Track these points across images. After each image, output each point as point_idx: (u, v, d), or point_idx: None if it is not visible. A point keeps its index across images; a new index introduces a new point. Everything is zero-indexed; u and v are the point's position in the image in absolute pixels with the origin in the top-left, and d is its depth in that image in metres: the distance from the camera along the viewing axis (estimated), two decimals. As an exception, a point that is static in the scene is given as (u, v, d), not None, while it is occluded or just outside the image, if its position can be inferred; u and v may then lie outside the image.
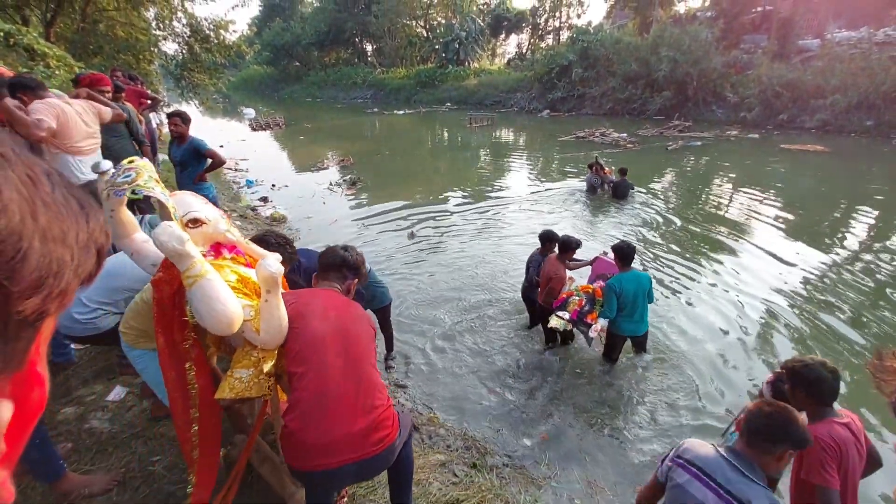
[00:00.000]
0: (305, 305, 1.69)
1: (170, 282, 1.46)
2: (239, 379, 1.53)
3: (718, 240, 7.09)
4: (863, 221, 8.02)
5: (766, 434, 1.52)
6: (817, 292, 5.39)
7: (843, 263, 6.20)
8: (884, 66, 15.73)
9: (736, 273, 5.90)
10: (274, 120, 23.06)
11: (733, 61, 20.48)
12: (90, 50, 12.09)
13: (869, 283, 5.58)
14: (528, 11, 39.84)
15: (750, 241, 7.02)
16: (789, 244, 6.89)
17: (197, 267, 1.30)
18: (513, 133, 20.78)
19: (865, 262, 6.20)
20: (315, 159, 13.75)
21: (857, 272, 5.89)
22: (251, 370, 1.55)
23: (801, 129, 16.86)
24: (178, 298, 1.48)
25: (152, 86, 12.99)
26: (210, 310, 1.28)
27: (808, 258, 6.36)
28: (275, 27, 45.91)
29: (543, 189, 10.36)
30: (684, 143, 15.14)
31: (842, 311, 4.96)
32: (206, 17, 14.33)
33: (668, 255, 6.46)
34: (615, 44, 23.95)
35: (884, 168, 11.87)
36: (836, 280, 5.70)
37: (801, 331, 4.65)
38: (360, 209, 8.96)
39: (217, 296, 1.30)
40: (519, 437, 3.36)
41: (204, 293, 1.27)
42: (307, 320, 1.64)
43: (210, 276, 1.32)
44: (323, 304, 1.71)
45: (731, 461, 1.55)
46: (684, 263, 6.19)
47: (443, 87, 32.34)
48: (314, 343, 1.60)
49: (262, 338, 1.50)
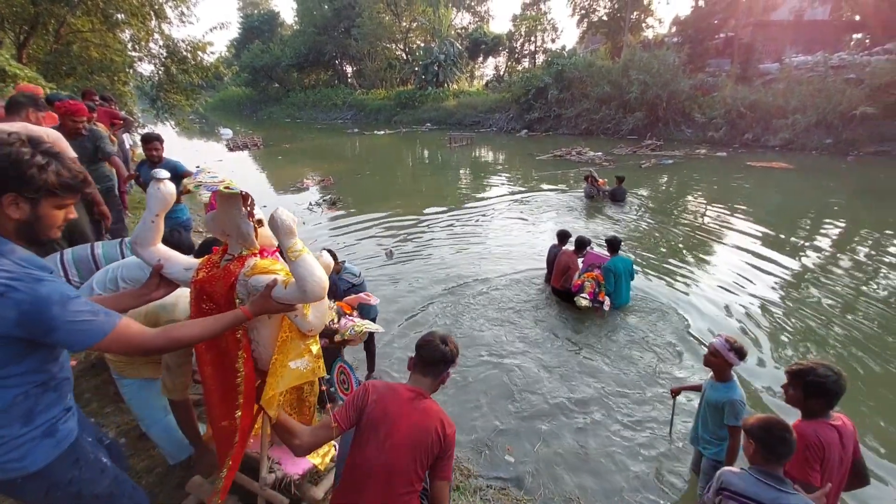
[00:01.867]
0: (373, 422, 1.67)
1: (224, 277, 1.58)
2: (295, 370, 1.67)
3: (695, 245, 7.61)
4: (828, 232, 8.43)
5: (786, 451, 1.69)
6: (788, 298, 5.57)
7: (812, 270, 6.46)
8: (839, 89, 16.71)
9: (712, 275, 6.28)
10: (252, 140, 22.93)
11: (700, 84, 21.45)
12: (63, 71, 11.88)
13: (837, 289, 5.80)
14: (505, 36, 41.14)
15: (725, 247, 7.48)
16: (762, 251, 7.23)
17: (300, 243, 1.47)
18: (492, 152, 21.13)
19: (833, 269, 6.47)
20: (294, 179, 13.69)
21: (826, 279, 6.12)
22: (304, 358, 1.69)
23: (765, 147, 17.65)
24: (231, 292, 1.57)
25: (127, 107, 12.80)
26: (314, 277, 1.44)
27: (780, 264, 6.74)
28: (254, 49, 46.06)
29: (521, 200, 10.59)
30: (657, 162, 15.65)
31: (812, 315, 5.13)
32: (183, 38, 14.18)
33: (653, 252, 6.86)
34: (588, 67, 24.84)
35: (842, 183, 12.49)
36: (807, 286, 5.93)
37: (774, 330, 4.79)
38: (340, 229, 8.91)
39: (317, 265, 1.47)
40: (502, 456, 3.32)
41: (307, 263, 1.44)
42: (364, 439, 1.67)
43: (307, 251, 1.48)
44: (388, 429, 1.65)
45: (765, 481, 1.68)
46: (670, 261, 6.84)
47: (423, 108, 32.81)
48: (360, 472, 1.65)
49: (312, 322, 1.64)
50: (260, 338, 1.68)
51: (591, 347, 4.67)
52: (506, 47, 41.70)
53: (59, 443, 1.29)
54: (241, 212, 1.57)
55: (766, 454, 1.70)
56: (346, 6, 40.55)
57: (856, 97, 16.13)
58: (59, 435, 1.30)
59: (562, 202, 10.66)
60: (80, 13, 11.89)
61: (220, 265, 1.64)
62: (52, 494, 1.29)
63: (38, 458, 1.25)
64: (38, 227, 1.20)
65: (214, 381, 1.71)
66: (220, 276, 1.59)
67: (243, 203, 1.57)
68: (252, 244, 1.62)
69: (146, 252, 1.64)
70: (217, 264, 1.64)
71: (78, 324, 1.13)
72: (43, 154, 1.17)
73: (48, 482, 1.28)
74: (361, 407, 1.69)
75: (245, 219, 1.57)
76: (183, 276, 1.64)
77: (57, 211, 1.22)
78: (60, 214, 1.24)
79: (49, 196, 1.18)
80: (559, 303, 5.51)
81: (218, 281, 1.59)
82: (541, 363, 4.42)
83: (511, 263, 6.89)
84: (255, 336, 1.68)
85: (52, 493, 1.29)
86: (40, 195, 1.17)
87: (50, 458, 1.27)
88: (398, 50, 42.36)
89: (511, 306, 5.48)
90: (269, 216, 1.53)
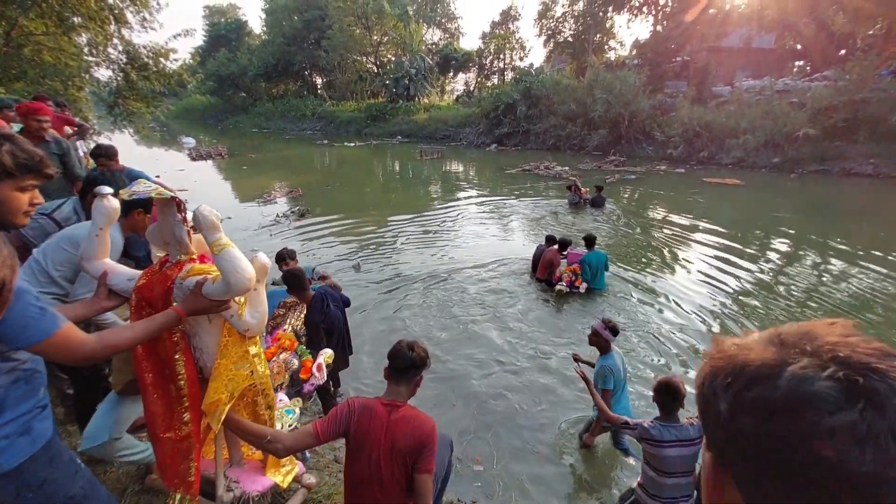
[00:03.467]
0: (357, 440, 1.79)
1: (161, 282, 1.63)
2: (234, 376, 1.68)
3: (660, 246, 8.54)
4: (775, 243, 9.03)
5: (676, 405, 2.46)
6: (739, 302, 5.86)
7: (762, 271, 6.86)
8: (784, 111, 17.90)
9: (675, 271, 6.92)
10: (216, 150, 22.33)
11: (659, 104, 22.51)
12: (12, 74, 11.27)
13: (788, 293, 6.16)
14: (475, 52, 42.03)
15: (685, 251, 8.35)
16: (717, 254, 7.81)
17: (224, 237, 1.53)
18: (462, 165, 21.39)
19: (782, 276, 6.89)
20: (261, 190, 13.40)
21: (776, 284, 6.49)
22: (245, 363, 1.72)
23: (719, 164, 18.64)
24: (168, 296, 1.61)
25: (81, 113, 12.25)
26: (238, 269, 1.49)
27: (734, 264, 7.41)
28: (220, 57, 45.07)
29: (495, 207, 10.73)
30: (620, 177, 16.26)
31: (764, 318, 5.40)
32: (145, 45, 13.76)
33: (626, 249, 7.60)
34: (555, 85, 25.65)
35: (787, 198, 13.37)
36: (758, 290, 6.28)
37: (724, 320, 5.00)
38: (309, 241, 8.76)
39: (241, 257, 1.52)
40: (472, 466, 3.31)
41: (232, 256, 1.49)
42: (353, 456, 1.81)
43: (232, 245, 1.53)
44: (370, 446, 1.77)
45: (668, 426, 2.40)
46: (641, 258, 7.71)
47: (393, 121, 32.91)
48: (356, 482, 1.81)
49: (249, 321, 1.68)
50: (203, 345, 1.71)
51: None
52: (476, 63, 42.57)
53: (33, 441, 1.23)
54: (176, 217, 1.63)
55: (664, 409, 2.47)
56: (317, 18, 40.43)
57: (799, 119, 17.32)
58: (34, 433, 1.23)
59: (549, 209, 11.63)
60: (34, 15, 11.34)
61: (160, 272, 1.69)
62: (23, 496, 1.22)
63: (11, 458, 1.18)
64: (1, 211, 1.16)
65: (157, 388, 1.70)
66: (158, 280, 1.65)
67: (177, 209, 1.62)
68: (187, 249, 1.68)
69: (92, 265, 1.67)
70: (157, 272, 1.69)
71: (24, 319, 1.08)
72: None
73: (19, 482, 1.21)
74: (346, 425, 1.80)
75: (179, 224, 1.64)
76: (127, 286, 1.68)
77: (19, 194, 1.18)
78: (24, 198, 1.20)
79: (6, 178, 1.14)
80: (544, 289, 6.60)
81: (156, 286, 1.64)
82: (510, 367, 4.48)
83: (490, 260, 7.74)
84: (197, 343, 1.71)
85: (23, 495, 1.22)
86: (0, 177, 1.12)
87: (23, 458, 1.21)
88: (369, 63, 42.49)
89: (498, 297, 6.36)
90: (191, 213, 1.59)
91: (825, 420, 0.39)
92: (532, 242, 8.35)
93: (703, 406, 0.50)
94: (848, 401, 0.39)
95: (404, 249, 8.40)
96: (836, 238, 9.08)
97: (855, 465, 0.38)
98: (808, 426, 0.39)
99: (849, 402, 0.39)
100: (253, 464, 2.11)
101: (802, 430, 0.39)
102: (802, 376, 0.41)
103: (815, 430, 0.39)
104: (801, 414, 0.40)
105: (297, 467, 2.19)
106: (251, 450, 2.15)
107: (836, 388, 0.40)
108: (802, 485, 0.40)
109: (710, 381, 0.49)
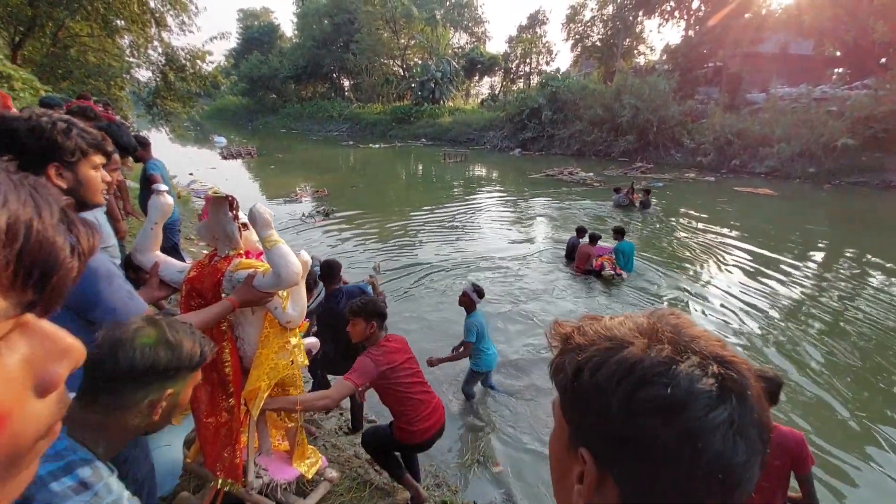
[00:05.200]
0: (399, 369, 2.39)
1: (211, 274, 1.74)
2: (275, 365, 1.80)
3: (692, 251, 8.67)
4: (808, 255, 8.71)
5: None
6: (776, 315, 5.68)
7: (797, 290, 6.61)
8: (822, 120, 17.27)
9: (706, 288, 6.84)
10: (246, 149, 22.94)
11: (689, 110, 22.03)
12: (59, 74, 11.88)
13: (824, 308, 5.94)
14: (501, 56, 41.99)
15: (716, 257, 8.28)
16: (751, 271, 7.50)
17: (275, 234, 1.64)
18: (485, 169, 21.38)
19: (814, 289, 6.69)
20: (288, 190, 13.69)
21: (811, 300, 6.27)
22: (285, 353, 1.84)
23: (752, 173, 18.10)
24: (217, 288, 1.72)
25: (122, 112, 12.78)
26: (288, 263, 1.59)
27: (767, 274, 7.26)
28: (252, 59, 46.40)
29: (513, 208, 10.69)
30: (647, 184, 15.93)
31: (792, 327, 5.23)
32: (182, 47, 14.29)
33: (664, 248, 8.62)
34: (581, 90, 25.39)
35: (822, 210, 12.89)
36: (796, 304, 6.07)
37: (760, 338, 4.86)
38: (333, 241, 8.92)
39: (291, 253, 1.63)
40: (492, 469, 3.32)
41: (283, 251, 1.60)
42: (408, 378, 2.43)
43: (282, 241, 1.64)
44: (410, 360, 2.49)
45: None
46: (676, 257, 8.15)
47: (418, 124, 33.17)
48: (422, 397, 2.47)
49: (291, 314, 1.79)
50: (245, 335, 1.81)
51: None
52: (501, 67, 42.53)
53: None
54: (228, 215, 1.74)
55: None
56: (346, 22, 41.16)
57: (837, 129, 16.68)
58: None
59: (590, 210, 11.95)
60: (80, 18, 11.92)
61: (209, 265, 1.79)
62: None
63: None
64: (83, 192, 1.22)
65: (202, 374, 1.77)
66: (209, 273, 1.74)
67: (229, 207, 1.73)
68: (237, 244, 1.79)
69: (146, 257, 1.77)
70: (206, 265, 1.79)
71: (117, 302, 1.15)
72: (60, 120, 1.20)
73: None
74: (385, 366, 2.29)
75: (231, 221, 1.75)
76: (177, 278, 1.78)
77: (94, 172, 1.25)
78: (98, 176, 1.27)
79: (83, 157, 1.21)
80: (586, 278, 7.17)
81: (206, 278, 1.74)
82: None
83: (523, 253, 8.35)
84: (240, 333, 1.81)
85: None
86: (76, 158, 1.20)
87: None
88: (395, 66, 42.96)
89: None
90: (248, 210, 1.70)
91: (712, 415, 0.41)
92: (563, 234, 9.10)
93: (578, 402, 0.47)
94: (723, 397, 0.41)
95: (427, 246, 8.46)
96: (874, 253, 8.70)
97: (734, 457, 0.41)
98: (701, 423, 0.41)
99: (724, 397, 0.41)
100: (280, 454, 2.18)
101: (696, 427, 0.40)
102: (692, 375, 0.42)
103: (707, 427, 0.40)
104: (694, 412, 0.41)
105: (320, 460, 2.25)
106: (278, 441, 2.22)
107: (717, 384, 0.42)
108: (686, 479, 0.41)
109: (591, 376, 0.45)
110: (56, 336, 0.34)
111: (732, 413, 0.41)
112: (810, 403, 4.15)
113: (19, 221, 0.28)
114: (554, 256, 8.14)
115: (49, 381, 0.32)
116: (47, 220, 0.30)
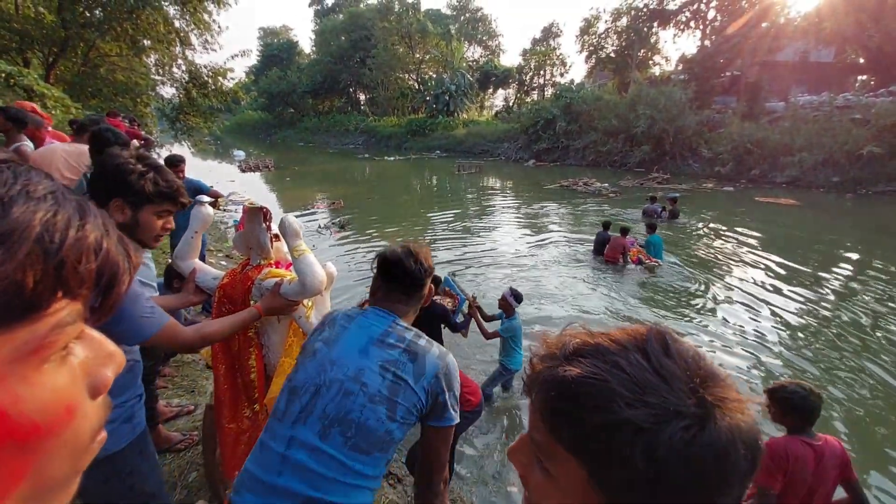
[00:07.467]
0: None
1: (243, 282, 1.80)
2: None
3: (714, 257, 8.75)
4: (838, 267, 8.39)
5: None
6: (805, 325, 5.50)
7: (823, 304, 6.39)
8: (845, 128, 16.88)
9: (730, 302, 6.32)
10: (264, 162, 23.45)
11: (706, 120, 21.76)
12: (88, 92, 12.36)
13: (854, 322, 5.73)
14: (515, 69, 42.31)
15: (739, 267, 8.17)
16: (774, 285, 7.22)
17: (303, 244, 1.72)
18: (500, 180, 21.39)
19: (849, 303, 6.42)
20: (304, 201, 13.91)
21: (841, 310, 6.05)
22: None
23: (772, 183, 17.73)
24: (247, 295, 1.79)
25: (147, 127, 13.21)
26: (314, 272, 1.64)
27: (792, 297, 6.76)
28: (272, 75, 47.69)
29: (529, 214, 10.65)
30: (664, 195, 15.73)
31: (821, 338, 5.05)
32: (205, 64, 14.76)
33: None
34: (596, 101, 25.35)
35: (849, 220, 12.51)
36: (821, 318, 5.86)
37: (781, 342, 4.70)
38: (349, 253, 8.99)
39: (317, 263, 1.68)
40: (505, 488, 3.26)
41: (310, 261, 1.66)
42: None
43: (309, 251, 1.71)
44: None
45: None
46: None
47: (433, 136, 33.49)
48: None
49: (315, 324, 1.79)
50: (270, 343, 1.86)
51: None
52: (515, 79, 42.82)
53: (133, 428, 1.30)
54: (262, 225, 1.83)
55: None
56: (363, 38, 42.09)
57: (862, 137, 16.27)
58: (134, 420, 1.30)
59: (612, 216, 11.74)
60: (110, 38, 12.43)
61: (241, 273, 1.87)
62: (111, 483, 1.25)
63: (113, 443, 1.22)
64: (137, 231, 1.27)
65: (227, 380, 1.87)
66: (240, 280, 1.83)
67: (263, 218, 1.82)
68: (268, 254, 1.87)
69: (185, 264, 1.87)
70: (239, 273, 1.88)
71: (139, 319, 1.19)
72: (144, 165, 1.27)
73: (110, 468, 1.24)
74: None
75: (264, 231, 1.83)
76: (211, 284, 1.87)
77: (156, 219, 1.30)
78: (159, 223, 1.31)
79: (148, 203, 1.26)
80: (617, 269, 7.72)
81: (238, 285, 1.82)
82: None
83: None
84: (265, 341, 1.86)
85: (111, 482, 1.25)
86: (141, 201, 1.25)
87: (123, 444, 1.26)
88: (411, 80, 43.63)
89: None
90: (279, 220, 1.79)
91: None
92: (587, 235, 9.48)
93: (599, 424, 0.44)
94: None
95: (442, 253, 8.46)
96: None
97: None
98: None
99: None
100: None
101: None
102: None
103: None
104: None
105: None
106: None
107: None
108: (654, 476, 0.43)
109: (608, 396, 0.44)
110: (103, 342, 0.37)
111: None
112: (841, 419, 4.00)
113: (99, 239, 0.32)
114: (577, 253, 8.64)
115: (101, 383, 0.35)
116: (112, 238, 0.34)
